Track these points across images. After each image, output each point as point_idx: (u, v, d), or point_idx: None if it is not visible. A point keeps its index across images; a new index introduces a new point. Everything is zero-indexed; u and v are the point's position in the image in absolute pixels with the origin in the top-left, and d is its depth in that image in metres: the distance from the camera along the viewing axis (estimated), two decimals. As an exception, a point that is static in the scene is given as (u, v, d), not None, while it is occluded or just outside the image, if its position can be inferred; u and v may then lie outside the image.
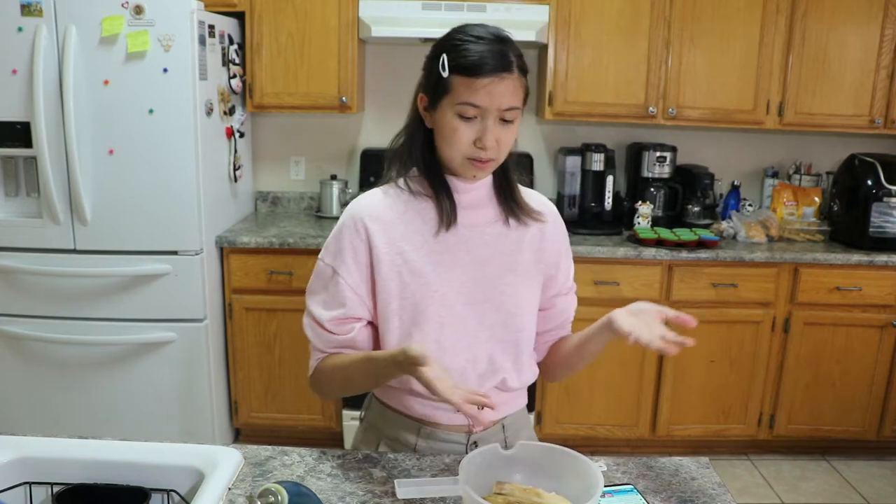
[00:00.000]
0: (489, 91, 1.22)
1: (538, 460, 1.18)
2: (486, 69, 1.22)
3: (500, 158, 1.30)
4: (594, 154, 3.38)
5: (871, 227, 3.18)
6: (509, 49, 1.26)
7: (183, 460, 1.20)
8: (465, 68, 1.23)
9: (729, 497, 1.26)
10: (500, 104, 1.24)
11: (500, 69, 1.23)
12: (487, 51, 1.24)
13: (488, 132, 1.24)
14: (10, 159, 2.86)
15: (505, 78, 1.23)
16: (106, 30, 2.67)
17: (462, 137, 1.26)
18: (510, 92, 1.24)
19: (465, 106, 1.24)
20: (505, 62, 1.24)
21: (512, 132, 1.29)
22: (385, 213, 1.34)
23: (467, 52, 1.24)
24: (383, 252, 1.32)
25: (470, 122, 1.25)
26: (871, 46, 3.21)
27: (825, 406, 3.25)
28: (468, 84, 1.23)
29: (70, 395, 3.00)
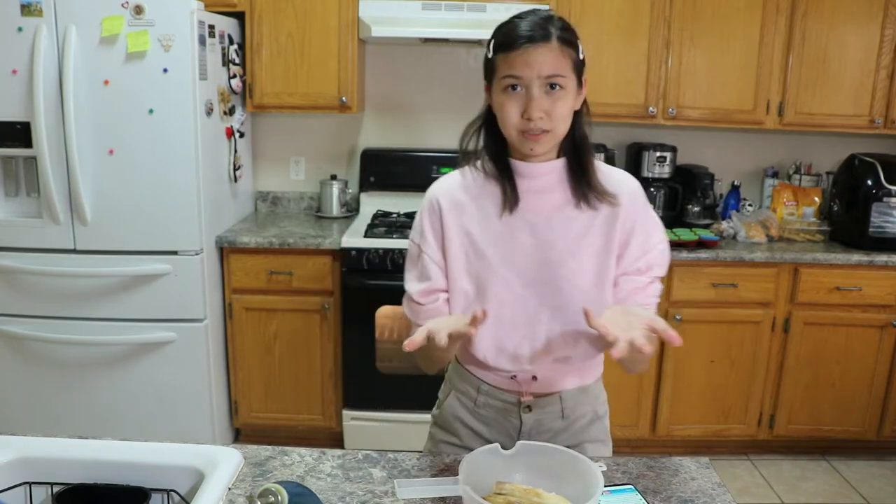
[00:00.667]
0: (525, 60, 1.25)
1: (538, 460, 1.19)
2: (520, 40, 1.26)
3: (555, 130, 1.30)
4: (594, 154, 3.37)
5: (871, 227, 3.18)
6: (549, 22, 1.28)
7: (183, 460, 1.20)
8: (503, 45, 1.28)
9: (729, 497, 1.26)
10: (539, 72, 1.26)
11: (536, 38, 1.25)
12: (523, 23, 1.27)
13: (533, 101, 1.26)
14: (10, 159, 2.86)
15: (540, 46, 1.25)
16: (106, 30, 2.67)
17: (510, 111, 1.29)
18: (550, 60, 1.26)
19: (506, 79, 1.27)
20: (541, 32, 1.26)
21: (563, 103, 1.29)
22: (458, 194, 1.41)
23: (506, 30, 1.29)
24: (453, 231, 1.39)
25: (516, 95, 1.28)
26: (871, 46, 3.21)
27: (825, 406, 3.25)
28: (507, 59, 1.27)
29: (70, 395, 3.00)
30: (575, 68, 1.29)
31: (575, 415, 1.49)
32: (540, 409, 1.46)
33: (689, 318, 3.11)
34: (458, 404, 1.52)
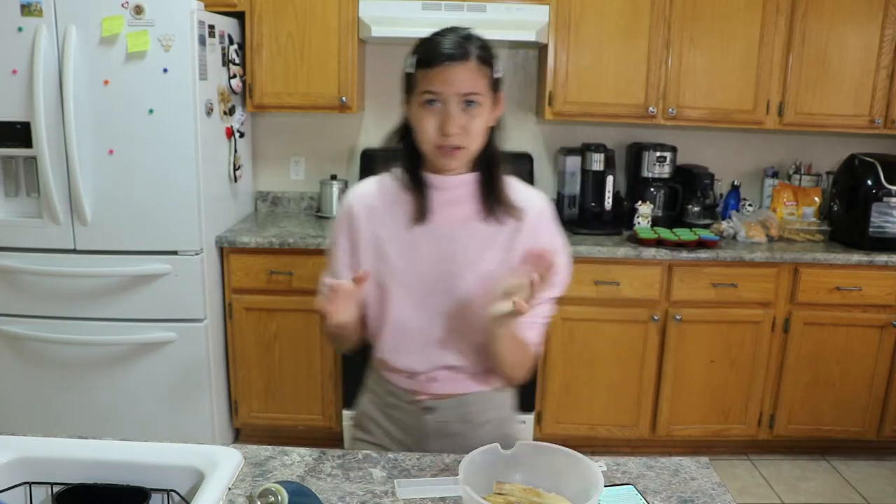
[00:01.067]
0: (445, 78, 1.30)
1: (538, 460, 1.19)
2: (441, 57, 1.30)
3: (469, 147, 1.35)
4: (594, 154, 3.38)
5: (871, 227, 3.18)
6: (469, 41, 1.33)
7: (183, 460, 1.20)
8: (423, 61, 1.32)
9: (729, 497, 1.27)
10: (458, 89, 1.30)
11: (456, 57, 1.30)
12: (445, 41, 1.32)
13: (450, 118, 1.30)
14: (10, 159, 2.86)
15: (461, 64, 1.30)
16: (106, 30, 2.67)
17: (426, 126, 1.32)
18: (468, 78, 1.30)
19: (425, 94, 1.31)
20: (461, 50, 1.31)
21: (479, 120, 1.33)
22: (373, 200, 1.47)
23: (427, 46, 1.34)
24: (365, 235, 1.45)
25: (433, 111, 1.32)
26: (871, 46, 3.21)
27: (825, 406, 3.25)
28: (426, 75, 1.31)
29: (70, 395, 3.00)
30: (491, 86, 1.35)
31: (478, 420, 1.51)
32: (442, 411, 1.49)
33: (689, 318, 3.11)
34: (370, 404, 1.58)
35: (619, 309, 3.11)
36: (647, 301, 3.10)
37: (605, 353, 3.15)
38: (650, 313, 3.10)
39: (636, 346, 3.15)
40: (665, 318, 3.12)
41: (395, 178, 1.46)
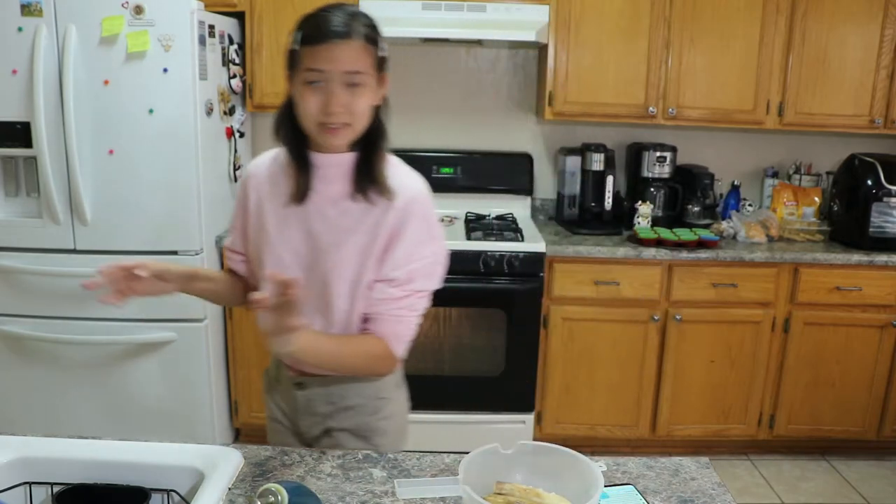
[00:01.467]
0: (328, 56, 1.28)
1: (538, 461, 1.19)
2: (326, 35, 1.28)
3: (354, 125, 1.34)
4: (594, 154, 3.38)
5: (871, 227, 3.18)
6: (355, 18, 1.32)
7: (183, 460, 1.20)
8: (308, 38, 1.30)
9: (729, 497, 1.26)
10: (342, 67, 1.29)
11: (341, 35, 1.28)
12: (331, 17, 1.30)
13: (333, 97, 1.30)
14: (10, 159, 2.86)
15: (345, 42, 1.28)
16: (106, 30, 2.67)
17: (309, 104, 1.32)
18: (353, 56, 1.29)
19: (308, 72, 1.30)
20: (347, 28, 1.29)
21: (363, 99, 1.33)
22: (263, 172, 1.51)
23: (313, 23, 1.31)
24: (252, 204, 1.50)
25: (316, 89, 1.30)
26: (871, 46, 3.21)
27: (825, 406, 3.25)
28: (311, 52, 1.29)
29: (70, 395, 3.00)
30: (376, 65, 1.34)
31: (344, 403, 1.52)
32: (310, 388, 1.51)
33: (689, 318, 3.11)
34: (268, 377, 1.65)
35: (619, 309, 3.11)
36: (647, 301, 3.10)
37: (605, 353, 3.15)
38: (650, 313, 3.10)
39: (636, 347, 3.15)
40: (665, 318, 3.12)
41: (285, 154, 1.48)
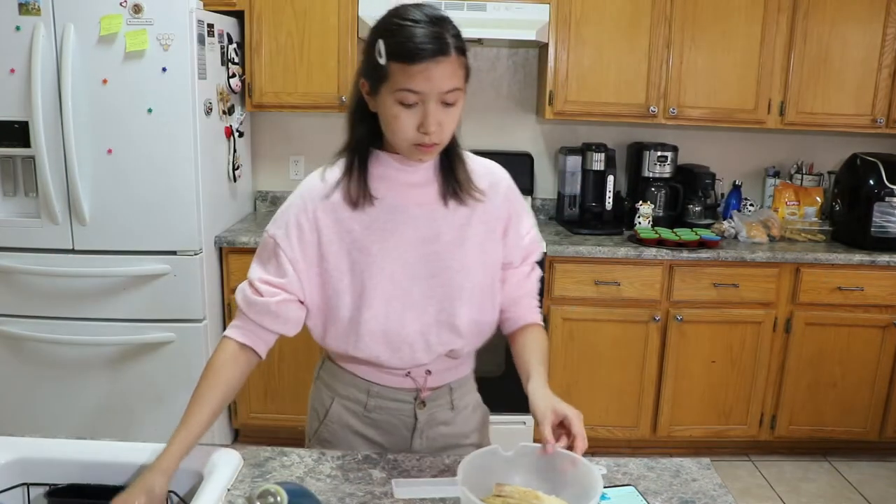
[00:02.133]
0: (427, 76, 1.20)
1: (538, 463, 1.18)
2: (422, 54, 1.19)
3: (444, 141, 1.29)
4: (595, 154, 3.37)
5: (872, 227, 3.17)
6: (446, 30, 1.23)
7: (182, 461, 1.19)
8: (400, 54, 1.21)
9: (730, 498, 1.26)
10: (439, 87, 1.22)
11: (437, 53, 1.20)
12: (423, 34, 1.20)
13: (430, 116, 1.23)
14: (9, 159, 2.85)
15: (441, 61, 1.20)
16: (104, 29, 2.66)
17: (404, 125, 1.25)
18: (449, 74, 1.22)
19: (403, 93, 1.22)
20: (441, 45, 1.21)
21: (454, 114, 1.27)
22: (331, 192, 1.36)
23: (402, 37, 1.21)
24: (332, 231, 1.34)
25: (411, 109, 1.24)
26: (873, 45, 3.20)
27: (827, 407, 3.24)
28: (405, 70, 1.21)
29: (69, 395, 2.99)
30: (466, 76, 1.28)
31: (461, 404, 1.51)
32: (432, 402, 1.46)
33: (690, 319, 3.10)
34: (345, 412, 1.48)
35: (619, 309, 3.10)
36: (648, 301, 3.09)
37: (605, 353, 3.15)
38: (651, 313, 3.09)
39: (637, 347, 3.14)
40: (666, 319, 3.12)
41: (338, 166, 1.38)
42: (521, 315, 1.48)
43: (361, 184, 1.34)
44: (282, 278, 1.36)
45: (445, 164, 1.37)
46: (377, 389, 1.44)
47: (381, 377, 1.44)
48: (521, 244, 1.46)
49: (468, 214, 1.38)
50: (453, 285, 1.38)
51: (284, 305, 1.37)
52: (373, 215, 1.34)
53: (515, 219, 1.45)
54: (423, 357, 1.40)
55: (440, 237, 1.36)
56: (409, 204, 1.36)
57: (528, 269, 1.48)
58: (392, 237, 1.35)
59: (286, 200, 1.41)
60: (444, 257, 1.37)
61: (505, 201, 1.43)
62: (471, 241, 1.38)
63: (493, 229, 1.41)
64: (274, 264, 1.37)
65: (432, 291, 1.37)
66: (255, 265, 1.42)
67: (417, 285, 1.36)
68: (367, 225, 1.34)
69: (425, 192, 1.37)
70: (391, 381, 1.44)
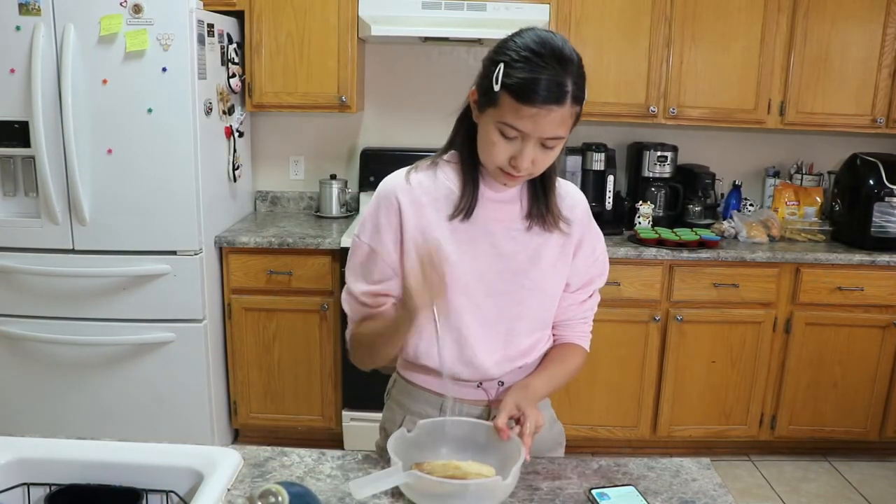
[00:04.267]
0: (535, 121, 1.18)
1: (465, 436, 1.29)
2: (536, 99, 1.16)
3: (534, 174, 1.28)
4: (595, 154, 3.37)
5: (872, 227, 3.17)
6: (568, 75, 1.18)
7: (182, 461, 1.19)
8: (515, 91, 1.17)
9: (730, 498, 1.26)
10: (542, 133, 1.19)
11: (552, 101, 1.16)
12: (544, 78, 1.16)
13: (525, 156, 1.21)
14: (9, 159, 2.85)
15: (554, 110, 1.17)
16: (104, 29, 2.66)
17: (498, 153, 1.23)
18: (557, 123, 1.19)
19: (506, 127, 1.20)
20: (559, 94, 1.17)
21: (551, 156, 1.25)
22: (417, 193, 1.34)
23: (522, 73, 1.17)
24: (411, 235, 1.32)
25: (509, 141, 1.22)
26: (873, 46, 3.20)
27: (827, 407, 3.24)
28: (515, 108, 1.17)
29: (69, 395, 2.99)
30: (575, 121, 1.24)
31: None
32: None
33: (690, 319, 3.10)
34: None
35: (619, 309, 3.10)
36: (648, 301, 3.09)
37: (605, 353, 3.14)
38: (651, 313, 3.09)
39: (637, 347, 3.14)
40: (666, 319, 3.12)
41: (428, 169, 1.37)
42: (566, 335, 1.50)
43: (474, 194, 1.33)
44: (383, 283, 1.36)
45: (538, 189, 1.36)
46: (451, 404, 1.41)
47: (453, 390, 1.40)
48: (585, 271, 1.46)
49: (547, 236, 1.38)
50: (524, 304, 1.38)
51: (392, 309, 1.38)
52: (454, 225, 1.33)
53: (587, 244, 1.45)
54: (493, 370, 1.40)
55: (516, 255, 1.36)
56: (490, 219, 1.35)
57: (583, 297, 1.48)
58: (470, 249, 1.34)
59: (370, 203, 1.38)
60: (518, 275, 1.37)
61: (579, 226, 1.42)
62: (545, 260, 1.38)
63: (567, 252, 1.41)
64: (372, 271, 1.37)
65: (504, 309, 1.38)
66: (352, 276, 1.39)
67: (491, 301, 1.37)
68: (445, 234, 1.33)
69: (508, 209, 1.36)
70: (464, 394, 1.41)
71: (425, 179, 1.36)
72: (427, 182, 1.35)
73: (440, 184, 1.35)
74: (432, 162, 1.39)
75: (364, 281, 1.37)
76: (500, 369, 1.40)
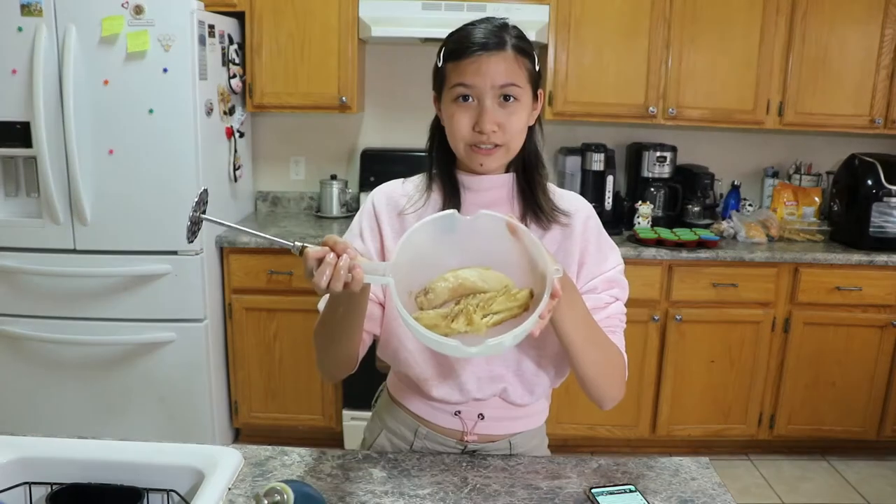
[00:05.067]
0: (477, 69, 1.18)
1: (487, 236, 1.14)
2: (472, 48, 1.18)
3: (509, 145, 1.23)
4: (594, 154, 3.38)
5: (871, 227, 3.18)
6: (503, 29, 1.21)
7: (183, 460, 1.19)
8: (452, 52, 1.21)
9: (729, 497, 1.26)
10: (493, 81, 1.18)
11: (489, 47, 1.18)
12: (477, 30, 1.21)
13: (485, 113, 1.18)
14: (10, 159, 2.86)
15: (494, 54, 1.18)
16: (106, 29, 2.67)
17: (460, 123, 1.21)
18: (504, 69, 1.18)
19: (457, 88, 1.20)
20: (494, 39, 1.19)
21: (518, 116, 1.21)
22: (402, 203, 1.32)
23: (457, 36, 1.23)
24: (392, 242, 1.30)
25: (467, 107, 1.20)
26: (871, 46, 3.21)
27: (825, 406, 3.25)
28: (457, 66, 1.20)
29: (70, 395, 3.00)
30: (531, 79, 1.23)
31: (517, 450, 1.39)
32: (484, 453, 1.34)
33: (689, 318, 3.11)
34: (389, 446, 1.42)
35: (619, 309, 3.10)
36: (648, 301, 3.10)
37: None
38: (650, 313, 3.10)
39: (636, 347, 3.15)
40: (665, 318, 3.12)
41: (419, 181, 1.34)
42: None
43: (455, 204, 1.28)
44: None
45: (523, 187, 1.30)
46: (424, 431, 1.37)
47: (430, 413, 1.35)
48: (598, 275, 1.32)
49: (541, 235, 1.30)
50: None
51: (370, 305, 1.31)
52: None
53: (595, 252, 1.32)
54: (474, 390, 1.31)
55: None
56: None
57: (606, 299, 1.32)
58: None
59: (364, 204, 1.37)
60: None
61: (583, 233, 1.32)
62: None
63: (568, 259, 1.31)
64: None
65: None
66: None
67: None
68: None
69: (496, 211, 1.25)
70: (440, 420, 1.35)
71: (411, 190, 1.34)
72: (411, 193, 1.33)
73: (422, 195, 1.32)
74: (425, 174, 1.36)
75: None
76: (481, 390, 1.31)
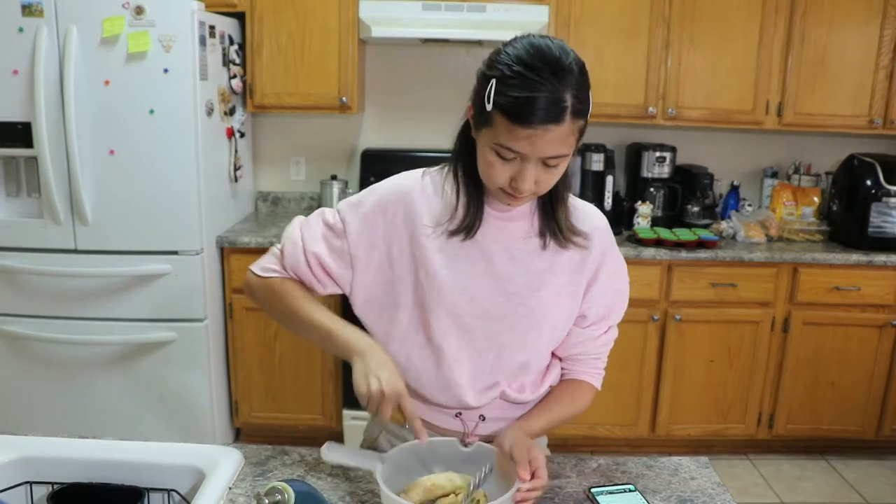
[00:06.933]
0: (532, 142, 1.08)
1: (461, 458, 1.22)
2: (532, 120, 1.06)
3: (540, 193, 1.18)
4: (594, 154, 3.38)
5: (870, 227, 3.18)
6: (567, 89, 1.07)
7: (183, 460, 1.20)
8: (508, 111, 1.07)
9: (728, 496, 1.27)
10: (541, 153, 1.10)
11: (549, 120, 1.06)
12: (539, 97, 1.05)
13: (525, 177, 1.12)
14: (11, 159, 2.87)
15: (551, 129, 1.07)
16: (107, 30, 2.67)
17: (497, 174, 1.14)
18: (557, 142, 1.09)
19: (502, 148, 1.11)
20: (557, 112, 1.06)
21: (555, 174, 1.15)
22: (419, 202, 1.27)
23: (515, 92, 1.06)
24: (405, 243, 1.26)
25: (507, 162, 1.13)
26: (870, 47, 3.22)
27: (824, 406, 3.26)
28: (510, 129, 1.08)
29: (70, 395, 3.01)
30: (580, 135, 1.14)
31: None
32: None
33: (688, 318, 3.11)
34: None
35: (618, 309, 3.10)
36: (647, 301, 3.10)
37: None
38: (650, 313, 3.11)
39: (636, 346, 3.15)
40: (664, 318, 3.13)
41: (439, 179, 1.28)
42: (576, 371, 1.39)
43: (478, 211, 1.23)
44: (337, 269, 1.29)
45: (546, 203, 1.26)
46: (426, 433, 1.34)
47: (430, 414, 1.34)
48: (603, 303, 1.34)
49: (552, 259, 1.27)
50: (516, 331, 1.27)
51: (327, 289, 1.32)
52: (446, 238, 1.25)
53: (605, 275, 1.32)
54: (472, 400, 1.31)
55: (513, 278, 1.26)
56: (488, 237, 1.25)
57: (598, 332, 1.36)
58: (464, 268, 1.25)
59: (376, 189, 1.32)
60: (512, 300, 1.26)
61: (598, 253, 1.30)
62: (548, 289, 1.27)
63: (577, 282, 1.30)
64: (333, 246, 1.29)
65: (494, 334, 1.28)
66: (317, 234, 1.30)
67: (480, 324, 1.27)
68: (440, 247, 1.25)
69: (512, 227, 1.26)
70: (440, 422, 1.34)
71: (428, 186, 1.29)
72: (428, 190, 1.28)
73: (439, 194, 1.28)
74: (443, 166, 1.31)
75: (324, 246, 1.29)
76: (479, 399, 1.31)
